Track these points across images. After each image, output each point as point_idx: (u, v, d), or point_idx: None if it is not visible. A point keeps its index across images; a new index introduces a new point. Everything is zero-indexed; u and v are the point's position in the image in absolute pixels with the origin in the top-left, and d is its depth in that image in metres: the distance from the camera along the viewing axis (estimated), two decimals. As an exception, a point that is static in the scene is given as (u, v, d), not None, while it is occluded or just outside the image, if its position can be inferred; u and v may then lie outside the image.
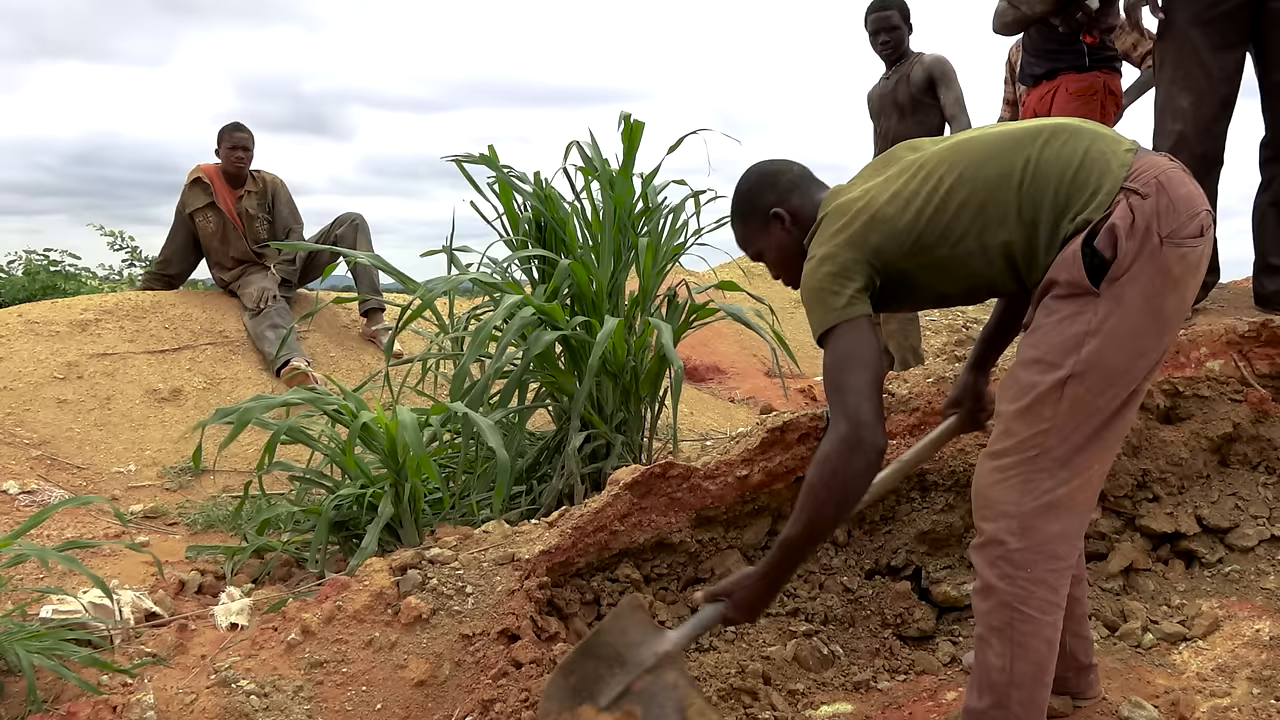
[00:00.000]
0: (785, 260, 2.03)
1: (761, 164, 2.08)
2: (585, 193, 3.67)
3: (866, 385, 1.74)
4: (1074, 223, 1.69)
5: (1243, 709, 2.03)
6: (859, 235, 1.82)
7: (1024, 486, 1.72)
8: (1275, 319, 2.74)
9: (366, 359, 5.50)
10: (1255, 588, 2.46)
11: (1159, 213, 1.65)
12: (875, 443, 1.71)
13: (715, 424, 5.30)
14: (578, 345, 3.37)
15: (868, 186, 1.88)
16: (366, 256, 3.81)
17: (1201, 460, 2.66)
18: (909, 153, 1.91)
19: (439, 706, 2.14)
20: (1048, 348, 1.71)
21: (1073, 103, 3.80)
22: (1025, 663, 1.75)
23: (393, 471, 2.96)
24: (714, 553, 2.62)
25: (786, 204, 1.99)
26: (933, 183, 1.79)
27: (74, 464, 4.14)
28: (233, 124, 5.53)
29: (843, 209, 1.87)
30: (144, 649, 2.38)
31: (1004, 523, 1.73)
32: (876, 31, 4.40)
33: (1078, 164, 1.71)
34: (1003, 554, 1.73)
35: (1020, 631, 1.74)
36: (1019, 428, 1.73)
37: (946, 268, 1.81)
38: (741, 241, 2.11)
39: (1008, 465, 1.74)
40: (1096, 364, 1.67)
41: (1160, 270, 1.66)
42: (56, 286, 8.29)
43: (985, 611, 1.77)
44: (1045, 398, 1.70)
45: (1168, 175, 1.69)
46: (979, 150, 1.79)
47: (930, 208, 1.78)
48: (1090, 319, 1.67)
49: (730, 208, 2.11)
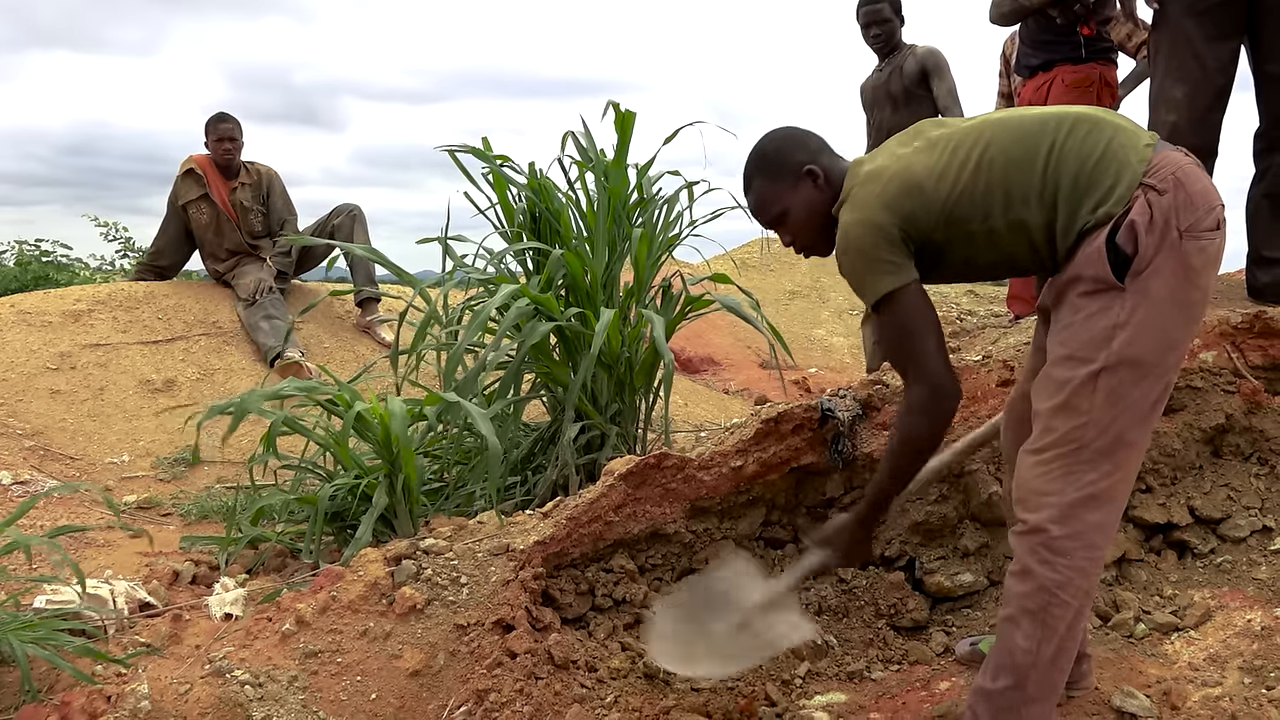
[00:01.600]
0: (812, 221, 2.01)
1: (782, 128, 2.08)
2: (580, 184, 3.66)
3: (934, 348, 1.85)
4: (1095, 215, 1.73)
5: (1234, 698, 2.04)
6: (894, 201, 1.84)
7: (1066, 478, 1.76)
8: (1268, 311, 2.75)
9: (361, 350, 5.48)
10: (1247, 578, 2.47)
11: (1177, 208, 1.70)
12: (955, 394, 1.86)
13: (710, 415, 5.31)
14: (572, 336, 3.37)
15: (898, 155, 1.90)
16: (362, 249, 3.80)
17: (1194, 451, 2.67)
18: (934, 129, 1.94)
19: (434, 696, 2.14)
20: (1078, 344, 1.75)
21: (1069, 94, 3.79)
22: (1050, 646, 1.80)
23: (387, 462, 2.95)
24: (708, 543, 2.62)
25: (818, 162, 2.00)
26: (962, 156, 1.83)
27: (67, 454, 4.13)
28: (218, 115, 5.49)
29: (875, 174, 1.89)
30: (138, 639, 2.38)
31: (1047, 512, 1.77)
32: (868, 25, 4.40)
33: (1098, 156, 1.75)
34: (1044, 541, 1.78)
35: (1053, 615, 1.78)
36: (1058, 423, 1.77)
37: (975, 242, 1.85)
38: (766, 201, 2.05)
39: (1049, 459, 1.78)
40: (1127, 356, 1.72)
41: (1181, 263, 1.71)
42: (49, 277, 8.26)
43: (1021, 594, 1.81)
44: (1080, 391, 1.75)
45: (1184, 171, 1.73)
46: (1007, 131, 1.83)
47: (962, 182, 1.82)
48: (1118, 313, 1.72)
49: (751, 167, 2.06)
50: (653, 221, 3.67)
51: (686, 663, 2.12)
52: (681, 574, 2.60)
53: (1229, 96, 3.00)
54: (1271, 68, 2.93)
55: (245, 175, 5.60)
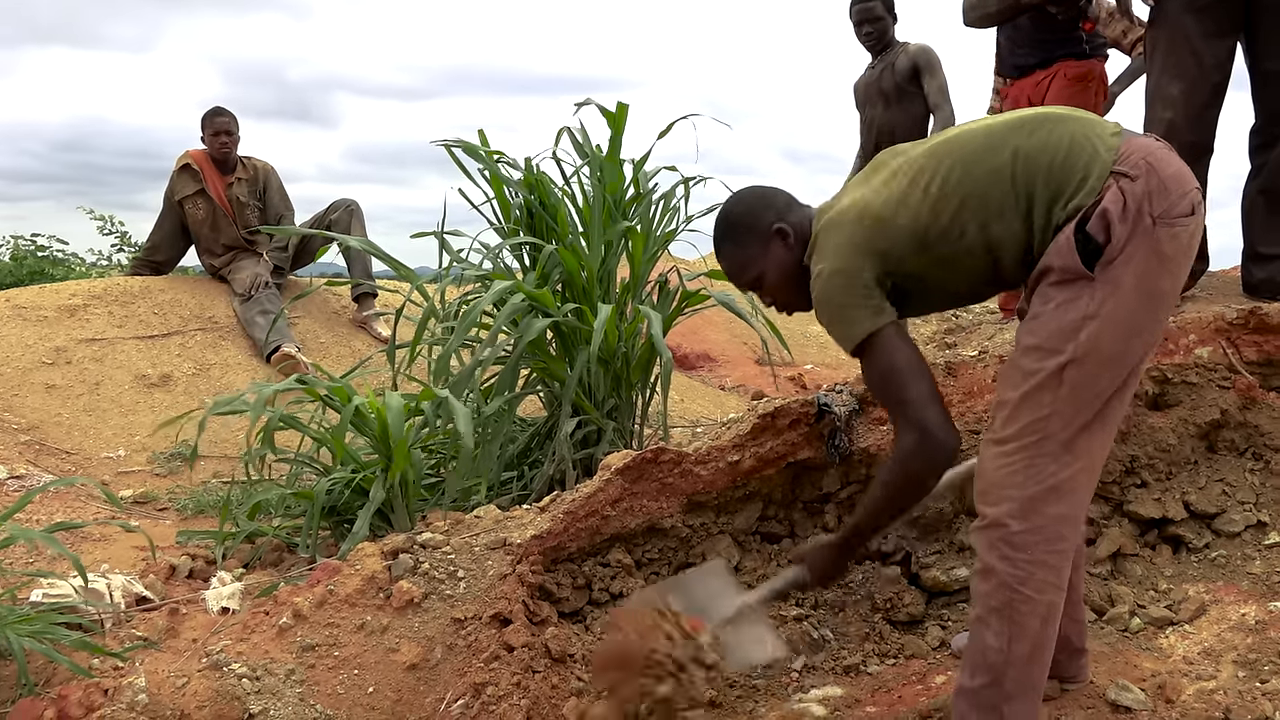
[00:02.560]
0: (786, 281, 1.98)
1: (747, 189, 2.06)
2: (575, 179, 3.66)
3: (923, 393, 1.78)
4: (1066, 209, 1.70)
5: (1228, 691, 2.05)
6: (862, 242, 1.81)
7: (1027, 471, 1.74)
8: (1263, 307, 2.76)
9: (357, 345, 5.48)
10: (1241, 572, 2.48)
11: (1150, 193, 1.67)
12: (947, 444, 1.77)
13: (706, 411, 5.31)
14: (569, 332, 3.37)
15: (856, 197, 1.87)
16: (358, 241, 3.79)
17: (1189, 447, 2.67)
18: (891, 159, 1.91)
19: (431, 690, 2.15)
20: (1046, 334, 1.72)
21: (1070, 88, 3.77)
22: (1023, 643, 1.77)
23: (384, 457, 2.96)
24: (705, 538, 2.63)
25: (786, 220, 1.96)
26: (924, 181, 1.79)
27: (63, 449, 4.12)
28: (214, 109, 5.48)
29: (837, 220, 1.86)
30: (135, 633, 2.38)
31: (1006, 506, 1.75)
32: (861, 23, 4.40)
33: (1065, 150, 1.72)
34: (1003, 536, 1.75)
35: (1019, 612, 1.76)
36: (1021, 414, 1.75)
37: (953, 264, 1.81)
38: (738, 268, 2.02)
39: (1011, 450, 1.76)
40: (1095, 348, 1.69)
41: (1153, 251, 1.68)
42: (44, 272, 8.24)
43: (985, 593, 1.79)
44: (1046, 384, 1.72)
45: (1156, 156, 1.70)
46: (966, 148, 1.80)
47: (925, 208, 1.78)
48: (1088, 304, 1.69)
49: (719, 235, 2.04)
50: (649, 217, 3.67)
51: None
52: (678, 569, 2.60)
53: (1225, 93, 3.00)
54: (1268, 65, 2.94)
55: (241, 170, 5.59)
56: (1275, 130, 2.95)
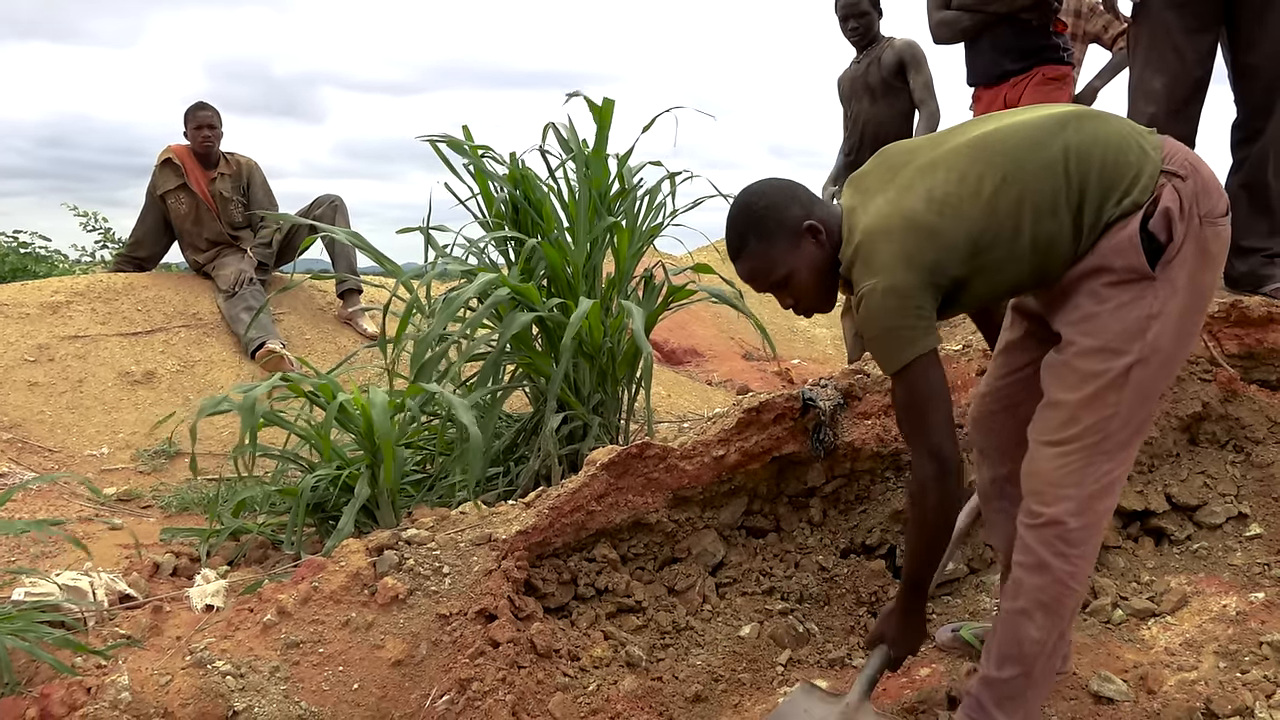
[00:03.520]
0: (818, 281, 1.89)
1: (764, 181, 1.93)
2: (561, 173, 3.66)
3: (944, 421, 1.78)
4: (1120, 206, 1.69)
5: (1209, 682, 2.07)
6: (915, 255, 1.73)
7: (1085, 470, 1.75)
8: (1245, 300, 2.77)
9: (342, 341, 5.46)
10: (1223, 564, 2.50)
11: (1197, 194, 1.70)
12: (956, 466, 1.79)
13: (692, 406, 5.32)
14: (554, 327, 3.37)
15: (893, 198, 1.79)
16: (344, 234, 3.78)
17: (1171, 439, 2.69)
18: (912, 156, 1.84)
19: (416, 686, 2.14)
20: (1111, 335, 1.71)
21: (1047, 86, 3.79)
22: (1055, 634, 1.82)
23: (369, 453, 2.95)
24: (690, 532, 2.63)
25: (815, 215, 1.87)
26: (971, 183, 1.74)
27: (46, 447, 4.10)
28: (197, 103, 5.45)
29: (883, 230, 1.77)
30: (118, 631, 2.37)
31: (1065, 505, 1.76)
32: (846, 18, 4.40)
33: (1116, 147, 1.72)
34: (1060, 534, 1.77)
35: (1065, 606, 1.80)
36: (1086, 415, 1.74)
37: (1001, 267, 1.77)
38: (766, 265, 1.88)
39: (1072, 450, 1.76)
40: (1160, 347, 1.70)
41: (1201, 249, 1.70)
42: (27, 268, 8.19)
43: (1036, 587, 1.80)
44: (1113, 384, 1.72)
45: (1194, 158, 1.73)
46: (1012, 144, 1.75)
47: (978, 211, 1.73)
48: (1152, 303, 1.69)
49: (739, 231, 1.89)
50: (634, 212, 3.67)
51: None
52: (664, 563, 2.61)
53: (1207, 88, 3.02)
54: (1248, 59, 2.95)
55: (225, 165, 5.56)
56: (1256, 124, 2.97)
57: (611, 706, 2.18)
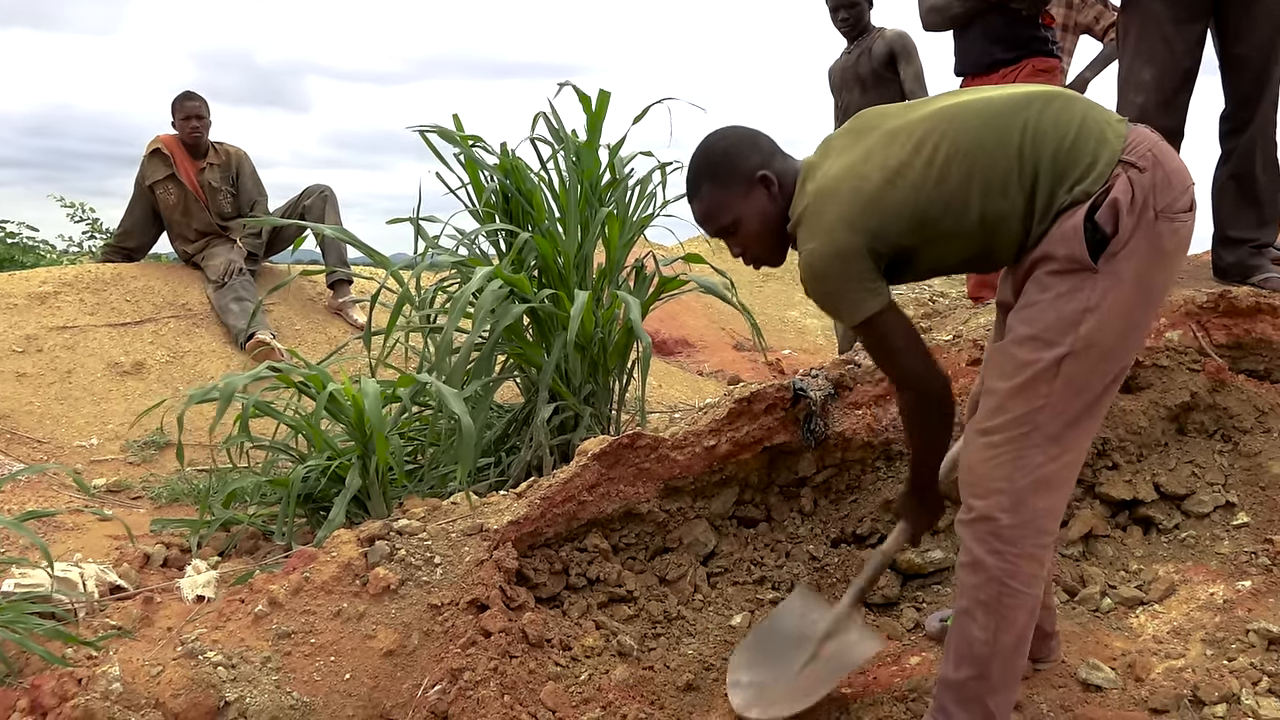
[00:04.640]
0: (765, 232, 1.90)
1: (731, 127, 1.93)
2: (552, 164, 3.65)
3: (914, 357, 1.83)
4: (1071, 193, 1.66)
5: (1196, 669, 2.08)
6: (858, 219, 1.74)
7: (1016, 463, 1.72)
8: (1232, 290, 2.79)
9: (333, 331, 5.45)
10: (1210, 553, 2.51)
11: (1155, 187, 1.65)
12: (939, 388, 1.85)
13: (683, 396, 5.32)
14: (545, 317, 3.37)
15: (850, 162, 1.79)
16: (333, 229, 3.77)
17: (1160, 429, 2.71)
18: (882, 121, 1.83)
19: (408, 676, 2.15)
20: (1045, 325, 1.69)
21: (1035, 78, 3.80)
22: (1008, 635, 1.77)
23: (360, 444, 2.95)
24: (682, 522, 2.64)
25: (771, 167, 1.87)
26: (926, 152, 1.73)
27: (34, 438, 4.08)
28: (184, 93, 5.42)
29: (831, 192, 1.78)
30: (109, 622, 2.37)
31: (995, 499, 1.73)
32: (837, 8, 4.39)
33: (1075, 131, 1.68)
34: (993, 530, 1.74)
35: (1006, 605, 1.75)
36: (1014, 405, 1.72)
37: (950, 240, 1.76)
38: (716, 208, 1.90)
39: (999, 442, 1.74)
40: (1095, 341, 1.67)
41: (1153, 245, 1.66)
42: (14, 259, 8.13)
43: (973, 586, 1.77)
44: (1042, 375, 1.69)
45: (1160, 149, 1.68)
46: (972, 117, 1.73)
47: (929, 181, 1.72)
48: (1089, 295, 1.66)
49: (696, 172, 1.91)
50: (625, 202, 3.67)
51: (767, 707, 2.11)
52: (655, 553, 2.61)
53: (1196, 79, 3.03)
54: (1237, 50, 2.96)
55: (213, 155, 5.53)
56: (1244, 115, 2.98)
57: (603, 696, 2.19)
